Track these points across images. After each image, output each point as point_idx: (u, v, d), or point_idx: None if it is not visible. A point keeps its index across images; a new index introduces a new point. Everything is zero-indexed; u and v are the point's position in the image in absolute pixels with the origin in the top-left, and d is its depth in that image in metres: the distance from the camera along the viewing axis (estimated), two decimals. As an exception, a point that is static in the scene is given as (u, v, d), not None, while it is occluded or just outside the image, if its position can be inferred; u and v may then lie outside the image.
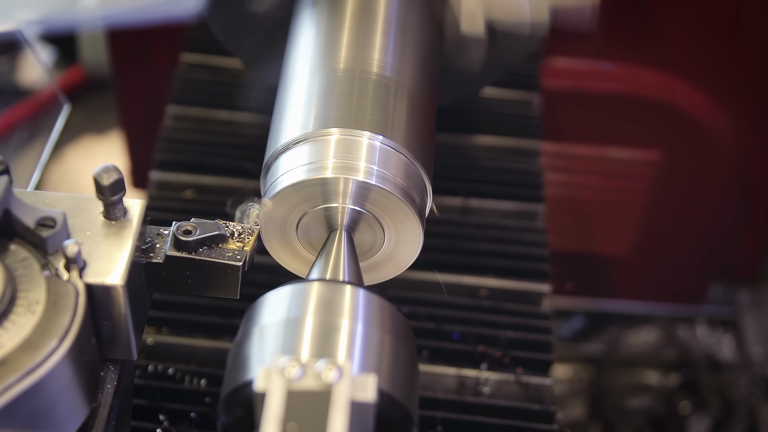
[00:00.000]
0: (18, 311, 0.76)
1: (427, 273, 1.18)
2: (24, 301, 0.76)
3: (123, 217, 0.84)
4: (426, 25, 1.08)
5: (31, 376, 0.73)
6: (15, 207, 0.79)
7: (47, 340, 0.74)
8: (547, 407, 1.09)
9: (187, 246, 0.86)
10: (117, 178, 0.82)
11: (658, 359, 1.84)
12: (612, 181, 1.73)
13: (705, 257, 1.84)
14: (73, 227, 0.83)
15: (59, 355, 0.74)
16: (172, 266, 0.86)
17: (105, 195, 0.82)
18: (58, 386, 0.75)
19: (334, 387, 0.73)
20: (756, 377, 1.80)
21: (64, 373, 0.75)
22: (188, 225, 0.87)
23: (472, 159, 1.33)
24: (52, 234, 0.79)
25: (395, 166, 0.92)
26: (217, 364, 1.10)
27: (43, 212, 0.80)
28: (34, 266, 0.79)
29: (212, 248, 0.87)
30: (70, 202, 0.85)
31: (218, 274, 0.87)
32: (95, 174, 0.82)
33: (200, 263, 0.86)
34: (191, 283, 0.87)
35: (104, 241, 0.82)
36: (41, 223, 0.79)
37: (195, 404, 1.07)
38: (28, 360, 0.73)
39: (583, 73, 1.65)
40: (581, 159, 1.72)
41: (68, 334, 0.75)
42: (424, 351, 1.12)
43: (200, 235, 0.86)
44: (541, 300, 1.18)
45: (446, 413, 1.08)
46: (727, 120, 1.66)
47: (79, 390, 0.78)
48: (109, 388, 0.84)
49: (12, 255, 0.79)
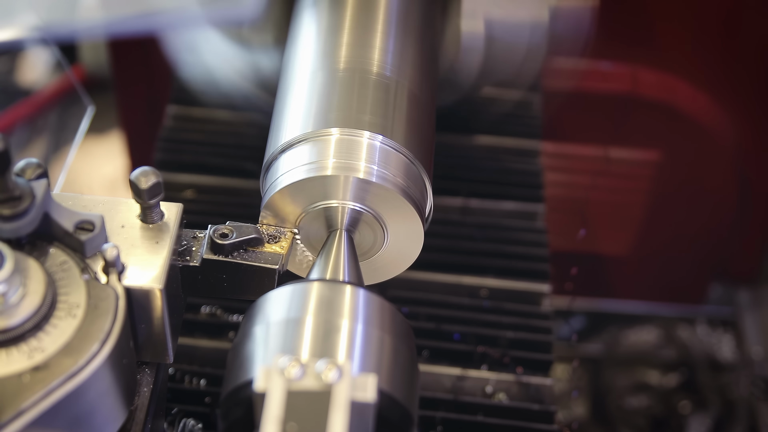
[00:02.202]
0: (59, 315, 0.75)
1: (427, 273, 1.19)
2: (64, 305, 0.76)
3: (160, 220, 0.84)
4: (426, 25, 1.08)
5: (73, 381, 0.73)
6: (54, 211, 0.79)
7: (88, 344, 0.74)
8: (547, 407, 1.09)
9: (224, 249, 0.86)
10: (155, 182, 0.82)
11: (658, 359, 1.84)
12: (612, 181, 1.73)
13: (705, 257, 1.84)
14: (111, 231, 0.83)
15: (100, 359, 0.74)
16: (209, 269, 0.86)
17: (143, 198, 0.82)
18: (99, 390, 0.75)
19: (334, 387, 0.73)
20: (756, 377, 1.80)
21: (104, 377, 0.75)
22: (225, 228, 0.87)
23: (472, 159, 1.33)
24: (91, 237, 0.79)
25: (395, 165, 0.92)
26: (217, 364, 1.10)
27: (81, 216, 0.80)
28: (73, 270, 0.78)
29: (248, 251, 0.87)
30: (106, 205, 0.84)
31: (254, 278, 0.87)
32: (133, 177, 0.82)
33: (236, 266, 0.86)
34: (227, 287, 0.87)
35: (141, 244, 0.82)
36: (80, 227, 0.79)
37: (195, 404, 1.07)
38: (70, 364, 0.73)
39: (583, 73, 1.65)
40: (581, 159, 1.71)
41: (109, 338, 0.75)
42: (424, 351, 1.12)
43: (237, 239, 0.86)
44: (541, 300, 1.18)
45: (446, 413, 1.08)
46: (727, 120, 1.66)
47: (118, 394, 0.78)
48: (146, 391, 0.84)
49: (51, 259, 0.79)
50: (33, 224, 0.77)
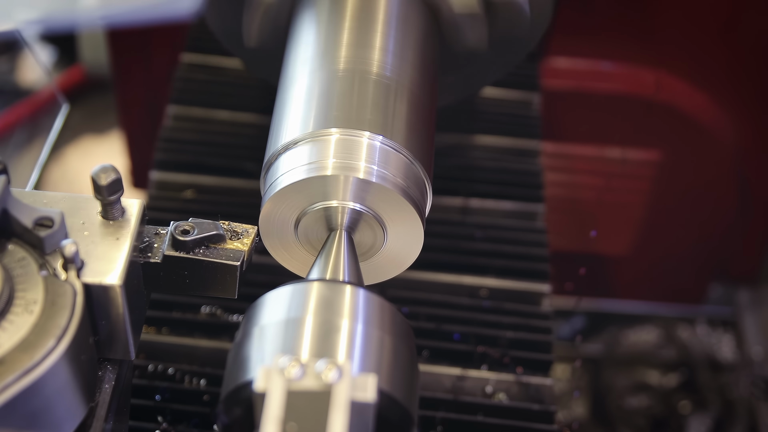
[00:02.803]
0: (15, 311, 0.76)
1: (427, 273, 1.19)
2: (22, 300, 0.76)
3: (121, 217, 0.84)
4: (426, 25, 1.07)
5: (29, 376, 0.73)
6: (12, 207, 0.79)
7: (45, 339, 0.74)
8: (547, 407, 1.09)
9: (185, 246, 0.86)
10: (114, 178, 0.82)
11: (658, 359, 1.84)
12: (612, 181, 1.73)
13: (705, 257, 1.84)
14: (71, 227, 0.83)
15: (57, 355, 0.74)
16: (170, 266, 0.86)
17: (103, 195, 0.82)
18: (56, 386, 0.75)
19: (334, 387, 0.73)
20: (756, 377, 1.80)
21: (61, 372, 0.75)
22: (186, 225, 0.87)
23: (472, 159, 1.33)
24: (50, 234, 0.79)
25: (395, 165, 0.92)
26: (218, 364, 1.10)
27: (40, 212, 0.80)
28: (31, 266, 0.78)
29: (210, 248, 0.87)
30: (67, 202, 0.84)
31: (216, 274, 0.87)
32: (93, 174, 0.82)
33: (198, 263, 0.86)
34: (189, 283, 0.87)
35: (102, 240, 0.82)
36: (39, 223, 0.79)
37: (195, 404, 1.07)
38: (26, 360, 0.73)
39: (583, 73, 1.65)
40: (581, 159, 1.71)
41: (66, 334, 0.75)
42: (424, 351, 1.12)
43: (198, 235, 0.86)
44: (541, 300, 1.18)
45: (446, 413, 1.08)
46: (727, 120, 1.66)
47: (76, 390, 0.78)
48: (107, 387, 0.84)
49: (10, 255, 0.79)
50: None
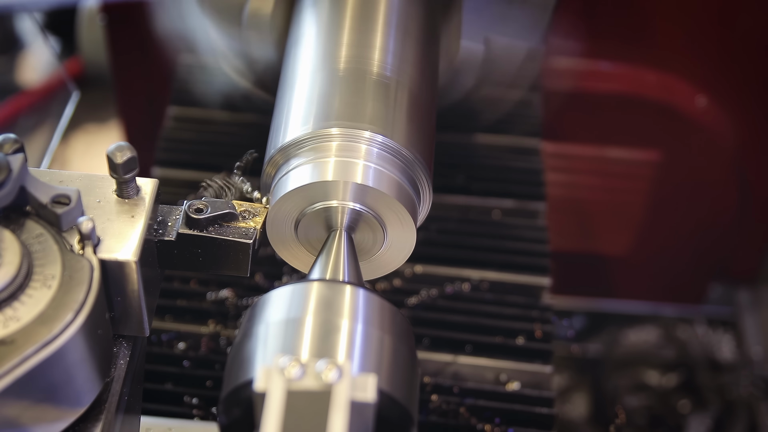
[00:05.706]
0: (34, 285, 0.77)
1: (428, 266, 1.19)
2: (40, 276, 0.77)
3: (136, 196, 0.85)
4: (426, 25, 1.08)
5: (47, 349, 0.74)
6: (30, 184, 0.81)
7: (63, 313, 0.75)
8: (546, 393, 1.10)
9: (199, 224, 0.87)
10: (130, 156, 0.83)
11: (658, 359, 1.84)
12: (612, 181, 1.73)
13: (705, 257, 1.84)
14: (87, 205, 0.84)
15: (74, 328, 0.75)
16: (184, 244, 0.88)
17: (118, 173, 0.84)
18: (74, 359, 0.76)
19: (334, 387, 0.73)
20: (756, 377, 1.80)
21: (79, 346, 0.76)
22: (199, 203, 0.88)
23: (473, 157, 1.33)
24: (67, 211, 0.80)
25: (395, 165, 0.92)
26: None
27: (57, 190, 0.81)
28: (49, 242, 0.80)
29: (223, 226, 0.89)
30: (83, 181, 0.86)
31: (229, 252, 0.88)
32: (109, 152, 0.83)
33: (211, 241, 0.88)
34: (202, 261, 0.89)
35: (117, 218, 0.84)
36: (56, 201, 0.80)
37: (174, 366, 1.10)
38: (45, 332, 0.74)
39: (583, 73, 1.65)
40: (581, 159, 1.71)
41: (83, 308, 0.76)
42: (424, 339, 1.13)
43: (211, 214, 0.88)
44: (541, 293, 1.19)
45: (446, 397, 1.08)
46: (727, 120, 1.66)
47: (93, 364, 0.79)
48: (122, 363, 0.85)
49: (27, 231, 0.80)
50: (9, 197, 0.79)
